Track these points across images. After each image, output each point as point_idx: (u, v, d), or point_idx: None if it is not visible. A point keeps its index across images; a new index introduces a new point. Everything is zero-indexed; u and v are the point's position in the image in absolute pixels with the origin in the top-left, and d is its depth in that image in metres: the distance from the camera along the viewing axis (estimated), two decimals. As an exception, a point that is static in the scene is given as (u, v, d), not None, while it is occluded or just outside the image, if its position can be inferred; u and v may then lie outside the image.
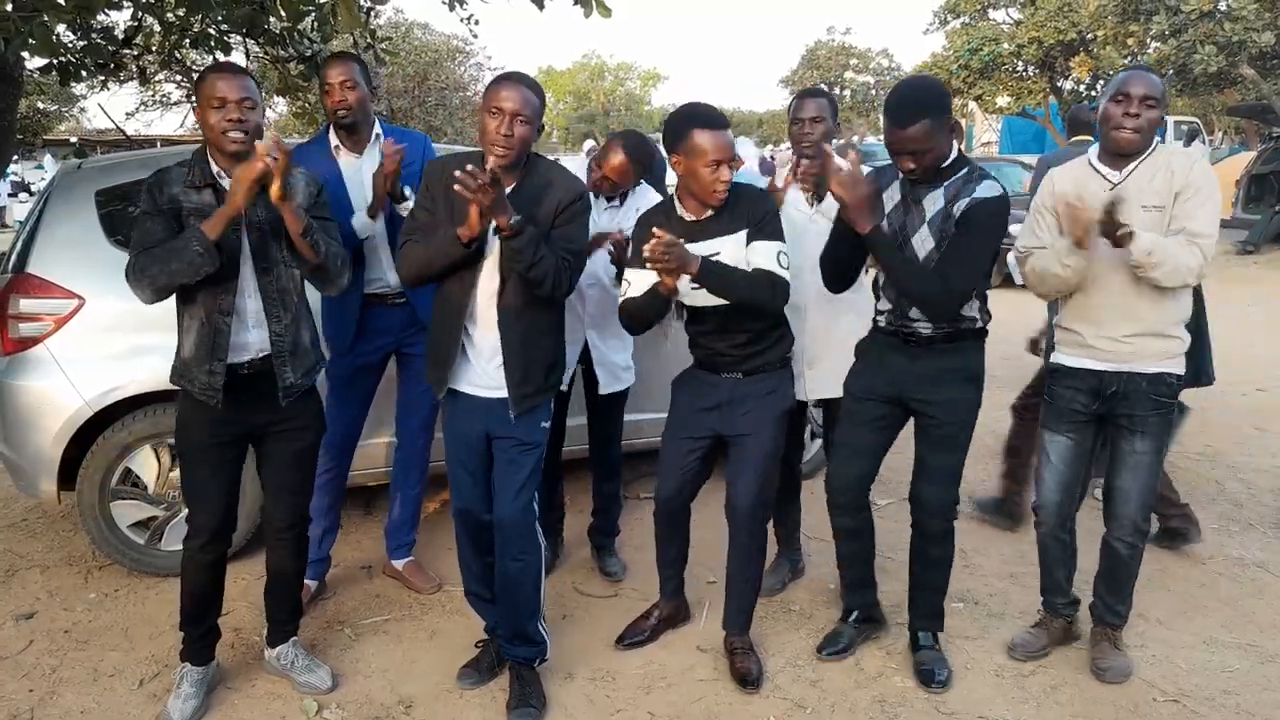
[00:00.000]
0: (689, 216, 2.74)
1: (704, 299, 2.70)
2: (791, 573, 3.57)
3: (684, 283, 2.63)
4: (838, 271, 2.88)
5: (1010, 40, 21.66)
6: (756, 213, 2.71)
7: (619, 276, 3.02)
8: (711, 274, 2.59)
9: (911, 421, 2.89)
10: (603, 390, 3.45)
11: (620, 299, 2.79)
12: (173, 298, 2.52)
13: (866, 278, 3.24)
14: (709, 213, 2.71)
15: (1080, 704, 2.79)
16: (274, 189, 2.39)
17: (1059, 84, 22.05)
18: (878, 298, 2.91)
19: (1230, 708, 2.76)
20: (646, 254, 2.48)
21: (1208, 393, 4.80)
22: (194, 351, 2.54)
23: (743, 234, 2.68)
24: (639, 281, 2.70)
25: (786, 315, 2.86)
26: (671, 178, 2.88)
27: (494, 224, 2.41)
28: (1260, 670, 2.96)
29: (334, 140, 3.23)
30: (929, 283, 2.64)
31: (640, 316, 2.76)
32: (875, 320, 2.91)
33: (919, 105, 2.58)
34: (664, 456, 2.98)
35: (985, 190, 2.60)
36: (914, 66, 30.28)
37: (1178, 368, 2.78)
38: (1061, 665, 2.98)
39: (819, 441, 4.18)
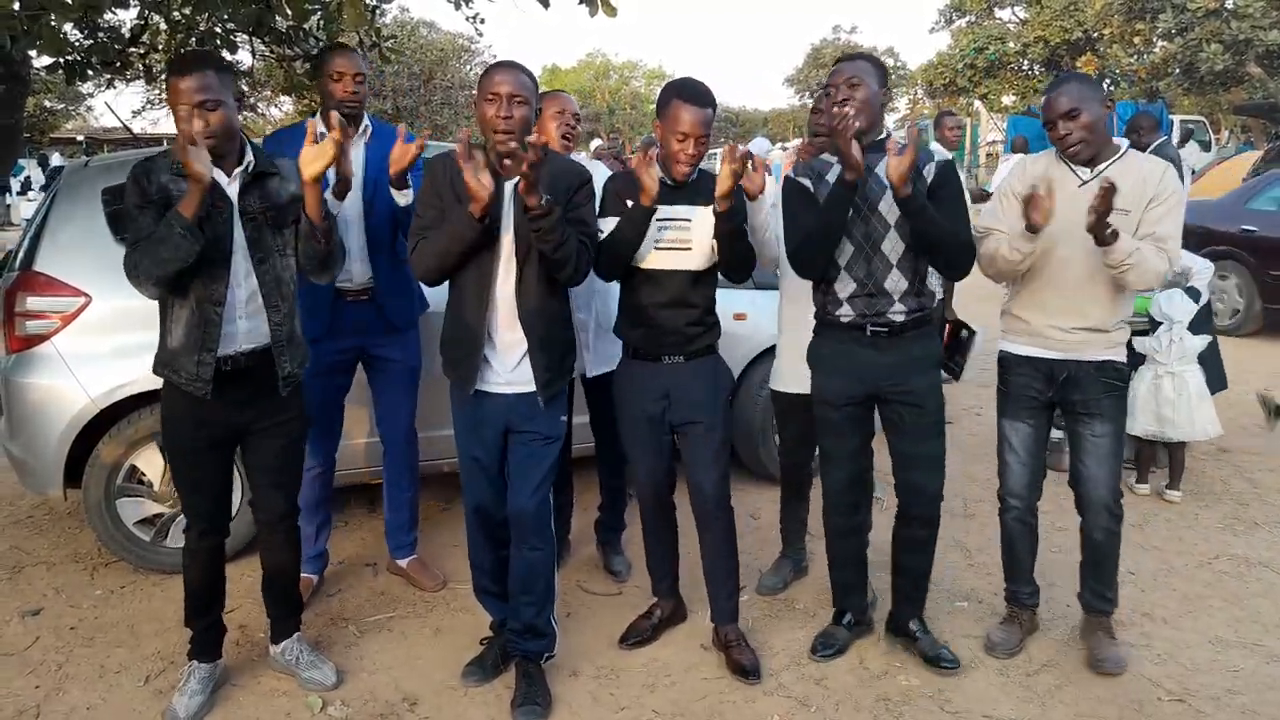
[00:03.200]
0: (667, 180, 2.77)
1: (670, 262, 2.75)
2: (794, 571, 3.56)
3: (648, 242, 2.70)
4: (828, 247, 2.71)
5: (1016, 39, 21.66)
6: None
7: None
8: (744, 209, 2.68)
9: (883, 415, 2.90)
10: (590, 373, 3.45)
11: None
12: None
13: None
14: (689, 178, 2.77)
15: (1085, 703, 2.78)
16: (314, 170, 2.43)
17: (1065, 82, 21.98)
18: (824, 295, 2.84)
19: (1235, 707, 2.75)
20: (724, 155, 2.56)
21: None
22: (183, 341, 2.52)
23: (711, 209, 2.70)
24: (609, 229, 2.75)
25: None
26: None
27: (523, 206, 2.42)
28: (1266, 670, 2.95)
29: (320, 129, 3.17)
30: (962, 234, 2.69)
31: (611, 251, 2.74)
32: (829, 319, 2.83)
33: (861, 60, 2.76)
34: (634, 459, 2.98)
35: (939, 153, 2.75)
36: (919, 65, 30.31)
37: (1122, 355, 2.88)
38: (1066, 664, 2.98)
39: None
